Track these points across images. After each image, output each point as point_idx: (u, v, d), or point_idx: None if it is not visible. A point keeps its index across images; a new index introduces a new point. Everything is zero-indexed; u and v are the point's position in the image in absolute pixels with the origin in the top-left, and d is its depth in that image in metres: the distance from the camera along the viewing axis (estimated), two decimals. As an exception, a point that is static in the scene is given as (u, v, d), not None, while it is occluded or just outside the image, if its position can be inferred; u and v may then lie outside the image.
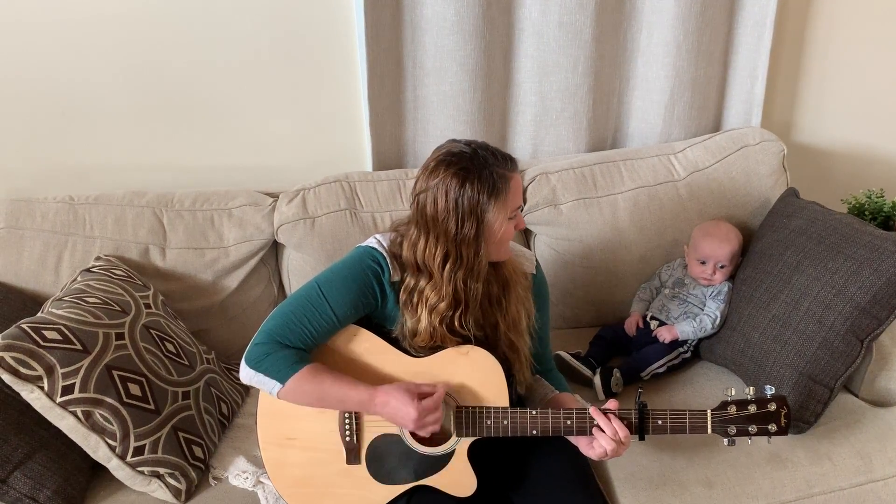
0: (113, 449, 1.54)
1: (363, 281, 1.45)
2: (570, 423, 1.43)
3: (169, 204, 1.97)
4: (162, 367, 1.66)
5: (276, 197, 2.04)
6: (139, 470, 1.56)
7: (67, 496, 1.55)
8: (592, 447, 1.43)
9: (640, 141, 2.32)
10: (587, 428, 1.43)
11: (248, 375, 1.41)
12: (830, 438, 1.71)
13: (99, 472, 1.62)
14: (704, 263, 1.98)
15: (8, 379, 1.46)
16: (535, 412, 1.43)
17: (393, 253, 1.47)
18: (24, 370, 1.46)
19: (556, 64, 2.12)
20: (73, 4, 1.91)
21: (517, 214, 1.45)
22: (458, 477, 1.47)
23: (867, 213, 2.18)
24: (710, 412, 1.43)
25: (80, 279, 1.76)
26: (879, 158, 2.51)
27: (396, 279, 1.46)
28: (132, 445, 1.55)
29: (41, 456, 1.54)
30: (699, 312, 1.97)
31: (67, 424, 1.51)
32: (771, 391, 1.43)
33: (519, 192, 1.43)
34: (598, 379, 1.87)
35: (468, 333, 1.47)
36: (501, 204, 1.38)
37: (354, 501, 1.48)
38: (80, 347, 1.53)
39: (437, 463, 1.46)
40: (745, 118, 2.31)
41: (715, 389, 1.89)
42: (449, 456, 1.46)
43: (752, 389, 1.43)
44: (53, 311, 1.60)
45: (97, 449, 1.54)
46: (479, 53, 2.05)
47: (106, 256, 1.86)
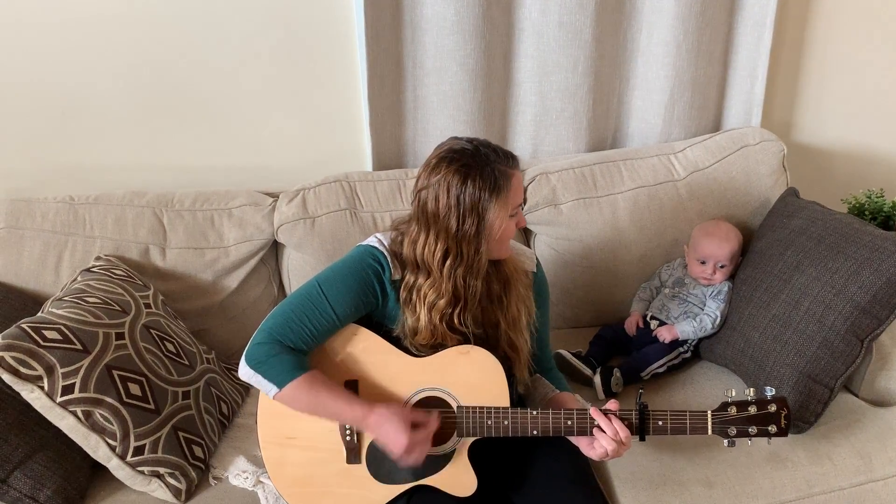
0: (113, 449, 1.54)
1: (364, 280, 1.45)
2: (570, 423, 1.43)
3: (169, 204, 1.97)
4: (162, 366, 1.66)
5: (276, 197, 2.04)
6: (139, 470, 1.56)
7: (67, 496, 1.55)
8: (593, 447, 1.43)
9: (640, 141, 2.32)
10: (588, 428, 1.43)
11: (246, 374, 1.41)
12: (830, 438, 1.72)
13: (99, 471, 1.62)
14: (704, 263, 1.98)
15: (8, 379, 1.46)
16: (535, 412, 1.43)
17: (394, 252, 1.47)
18: (24, 370, 1.46)
19: (556, 64, 2.12)
20: (73, 5, 1.91)
21: (518, 212, 1.45)
22: (458, 477, 1.46)
23: (867, 212, 2.18)
24: (710, 413, 1.43)
25: (80, 279, 1.76)
26: (879, 158, 2.51)
27: (397, 278, 1.46)
28: (132, 445, 1.55)
29: (41, 456, 1.54)
30: (699, 312, 1.98)
31: (67, 424, 1.51)
32: (771, 392, 1.43)
33: (520, 189, 1.44)
34: (598, 378, 1.88)
35: (467, 331, 1.47)
36: (503, 201, 1.38)
37: (354, 501, 1.48)
38: (80, 347, 1.53)
39: (437, 462, 1.46)
40: (745, 118, 2.31)
41: (715, 389, 1.89)
42: (449, 456, 1.46)
43: (752, 391, 1.43)
44: (53, 310, 1.60)
45: (97, 449, 1.54)
46: (479, 53, 2.05)
47: (106, 256, 1.86)
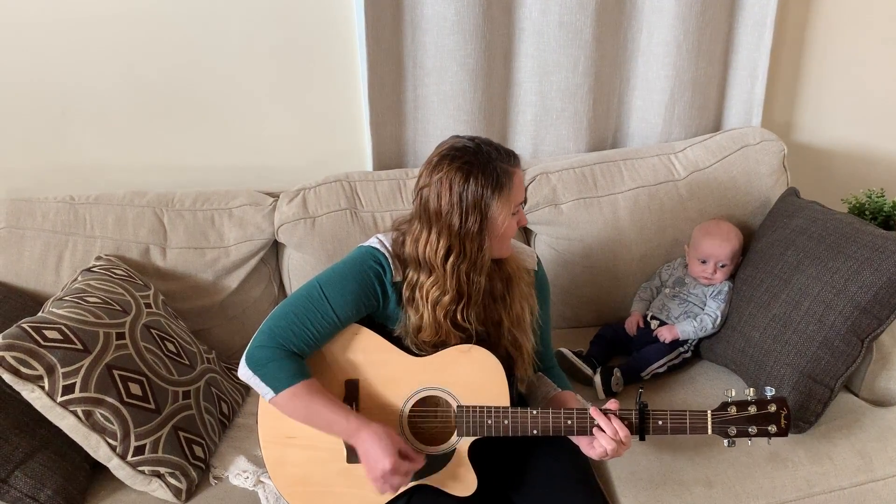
0: (113, 448, 1.54)
1: (365, 281, 1.45)
2: (570, 422, 1.43)
3: (169, 204, 1.97)
4: (162, 366, 1.66)
5: (276, 197, 2.04)
6: (140, 469, 1.56)
7: (68, 496, 1.55)
8: (593, 447, 1.43)
9: (640, 140, 2.32)
10: (588, 428, 1.43)
11: (245, 375, 1.41)
12: (831, 438, 1.71)
13: (99, 471, 1.62)
14: (705, 262, 1.98)
15: (9, 378, 1.46)
16: (535, 412, 1.43)
17: (395, 253, 1.47)
18: (24, 370, 1.46)
19: (556, 64, 2.12)
20: (73, 5, 1.92)
21: (519, 210, 1.45)
22: (458, 476, 1.47)
23: (867, 212, 2.18)
24: (710, 413, 1.43)
25: (80, 279, 1.76)
26: (880, 158, 2.51)
27: (398, 279, 1.46)
28: (133, 445, 1.55)
29: (42, 455, 1.55)
30: (700, 312, 1.97)
31: (68, 424, 1.51)
32: (771, 392, 1.43)
33: (521, 187, 1.44)
34: (598, 378, 1.88)
35: (470, 327, 1.47)
36: (505, 199, 1.38)
37: (355, 500, 1.48)
38: (80, 347, 1.53)
39: (437, 462, 1.46)
40: (745, 118, 2.31)
41: (715, 389, 1.89)
42: (449, 455, 1.46)
43: (752, 391, 1.43)
44: (54, 310, 1.60)
45: (98, 448, 1.54)
46: (479, 53, 2.05)
47: (106, 256, 1.86)
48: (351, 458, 1.47)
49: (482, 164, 1.37)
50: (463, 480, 1.46)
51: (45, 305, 1.69)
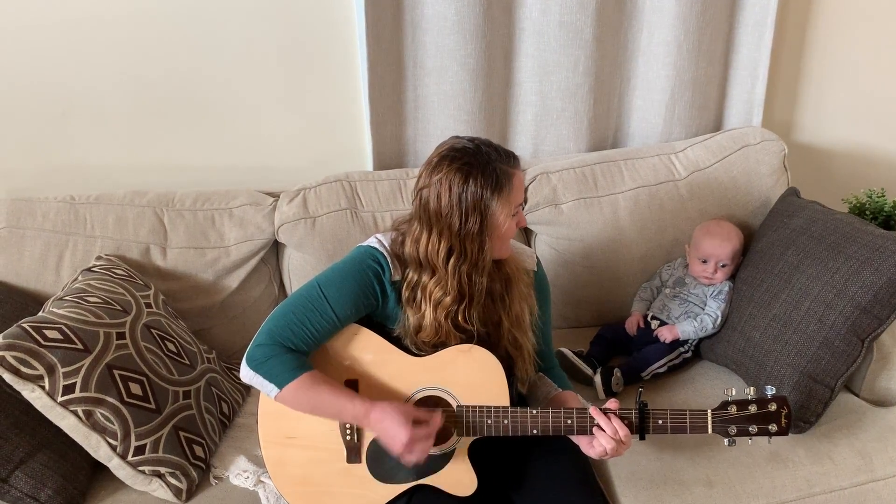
0: (114, 448, 1.54)
1: (364, 280, 1.45)
2: (570, 422, 1.43)
3: (170, 203, 1.97)
4: (163, 366, 1.66)
5: (276, 196, 2.04)
6: (140, 469, 1.56)
7: (68, 495, 1.55)
8: (593, 446, 1.43)
9: (640, 140, 2.32)
10: (588, 427, 1.43)
11: (247, 375, 1.41)
12: (831, 438, 1.71)
13: (100, 471, 1.62)
14: (706, 262, 1.98)
15: (9, 378, 1.46)
16: (535, 411, 1.43)
17: (394, 252, 1.47)
18: (25, 369, 1.46)
19: (556, 63, 2.12)
20: (74, 5, 1.92)
21: (518, 211, 1.45)
22: (458, 476, 1.47)
23: (868, 212, 2.18)
24: (710, 412, 1.43)
25: (80, 279, 1.76)
26: (880, 158, 2.51)
27: (397, 279, 1.46)
28: (133, 445, 1.55)
29: (42, 455, 1.55)
30: (700, 312, 1.97)
31: (68, 424, 1.51)
32: (772, 391, 1.43)
33: (521, 188, 1.44)
34: (598, 378, 1.87)
35: (472, 328, 1.47)
36: (504, 200, 1.38)
37: (355, 500, 1.48)
38: (81, 347, 1.53)
39: (437, 462, 1.46)
40: (745, 118, 2.31)
41: (716, 389, 1.89)
42: (449, 455, 1.46)
43: (752, 390, 1.43)
44: (54, 310, 1.60)
45: (98, 448, 1.54)
46: (479, 53, 2.05)
47: (107, 256, 1.86)
48: (351, 458, 1.47)
49: (482, 165, 1.37)
50: (463, 480, 1.46)
51: (45, 305, 1.69)
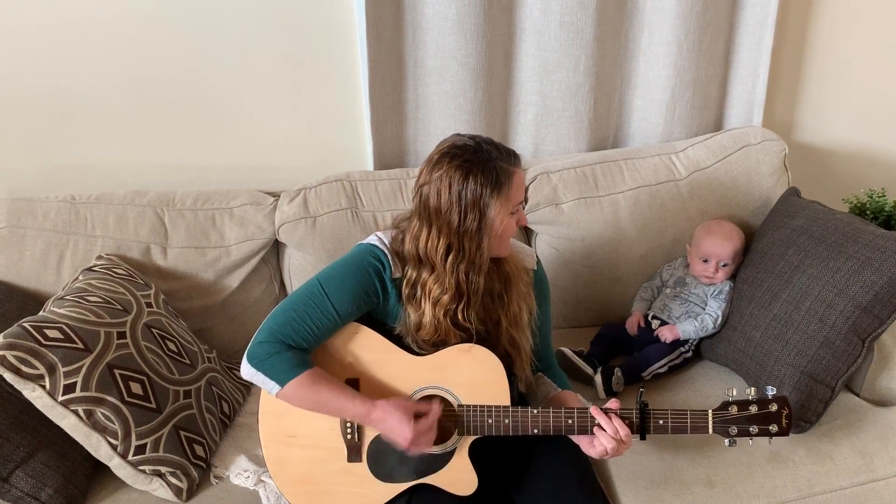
0: (114, 448, 1.54)
1: (364, 278, 1.45)
2: (571, 422, 1.43)
3: (170, 203, 1.97)
4: (163, 365, 1.66)
5: (277, 196, 2.04)
6: (141, 469, 1.56)
7: (69, 495, 1.55)
8: (593, 446, 1.43)
9: (641, 140, 2.32)
10: (588, 427, 1.43)
11: (248, 373, 1.41)
12: (832, 438, 1.71)
13: (100, 470, 1.62)
14: (707, 261, 1.98)
15: (10, 378, 1.46)
16: (536, 411, 1.43)
17: (394, 250, 1.47)
18: (25, 369, 1.46)
19: (557, 63, 2.12)
20: (74, 5, 1.92)
21: (519, 210, 1.45)
22: (459, 475, 1.47)
23: (868, 212, 2.18)
24: (711, 412, 1.43)
25: (81, 278, 1.76)
26: (881, 158, 2.51)
27: (398, 276, 1.47)
28: (133, 444, 1.55)
29: (43, 455, 1.55)
30: (701, 312, 1.97)
31: (69, 423, 1.51)
32: (772, 392, 1.43)
33: (521, 187, 1.44)
34: (599, 378, 1.87)
35: (471, 327, 1.47)
36: (504, 198, 1.38)
37: (355, 500, 1.48)
38: (81, 346, 1.53)
39: (438, 461, 1.46)
40: (746, 117, 2.31)
41: (716, 389, 1.89)
42: (450, 454, 1.46)
43: (753, 390, 1.43)
44: (55, 309, 1.60)
45: (99, 448, 1.54)
46: (480, 53, 2.05)
47: (107, 255, 1.87)
48: (352, 457, 1.47)
49: (482, 162, 1.37)
50: (463, 480, 1.46)
51: (46, 305, 1.69)
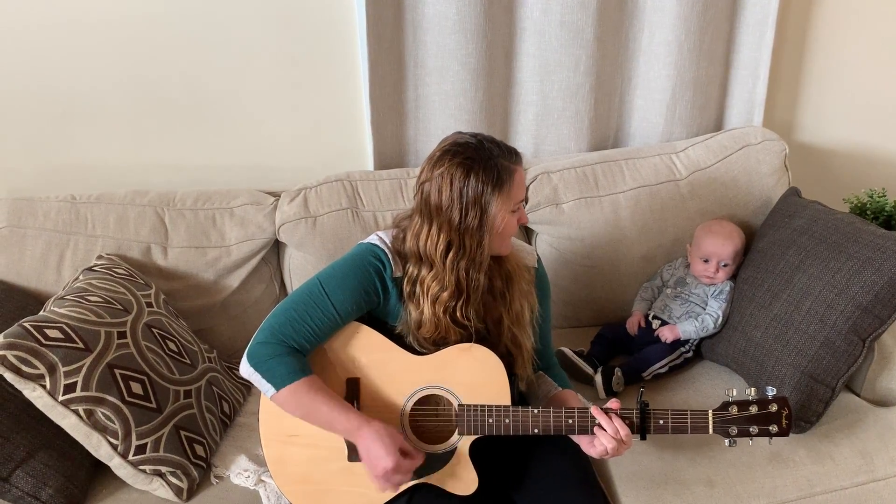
0: (115, 447, 1.54)
1: (365, 277, 1.45)
2: (571, 421, 1.43)
3: (170, 203, 1.97)
4: (164, 365, 1.66)
5: (277, 196, 2.04)
6: (141, 468, 1.56)
7: (69, 494, 1.55)
8: (594, 446, 1.43)
9: (641, 140, 2.32)
10: (588, 427, 1.43)
11: (247, 372, 1.41)
12: (832, 438, 1.71)
13: (101, 470, 1.62)
14: (707, 261, 1.98)
15: (10, 377, 1.46)
16: (536, 411, 1.43)
17: (395, 249, 1.47)
18: (26, 368, 1.46)
19: (557, 63, 2.12)
20: (74, 5, 1.92)
21: (520, 208, 1.45)
22: (459, 475, 1.47)
23: (869, 212, 2.18)
24: (711, 412, 1.43)
25: (81, 278, 1.76)
26: (881, 158, 2.51)
27: (398, 275, 1.47)
28: (134, 444, 1.55)
29: (43, 454, 1.55)
30: (701, 312, 1.97)
31: (69, 423, 1.51)
32: (772, 392, 1.43)
33: (522, 185, 1.44)
34: (599, 378, 1.87)
35: (469, 324, 1.47)
36: (505, 196, 1.39)
37: (356, 499, 1.48)
38: (82, 346, 1.54)
39: (438, 461, 1.46)
40: (746, 117, 2.31)
41: (716, 389, 1.89)
42: (450, 454, 1.46)
43: (753, 390, 1.43)
44: (55, 309, 1.60)
45: (99, 447, 1.54)
46: (480, 52, 2.05)
47: (108, 255, 1.87)
48: (352, 456, 1.47)
49: (483, 160, 1.37)
50: (464, 479, 1.46)
51: (46, 304, 1.69)
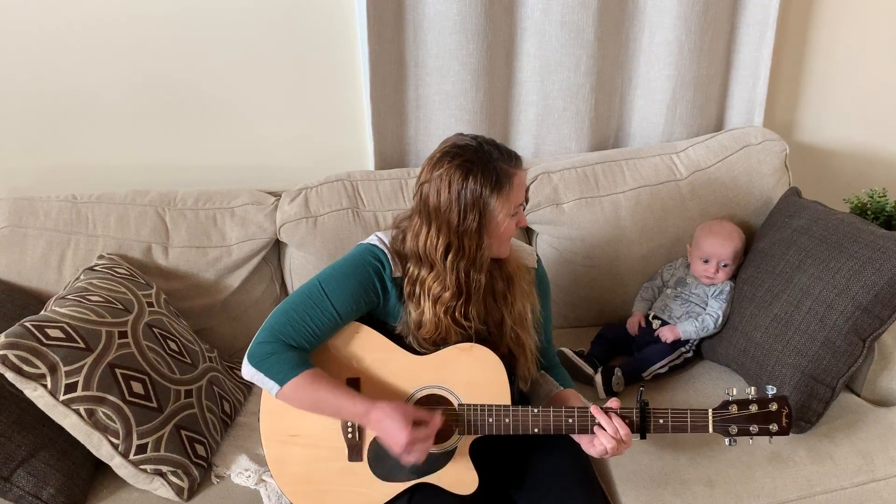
0: (116, 447, 1.54)
1: (364, 277, 1.45)
2: (571, 421, 1.43)
3: (171, 203, 1.97)
4: (164, 365, 1.66)
5: (278, 196, 2.04)
6: (142, 468, 1.57)
7: (70, 494, 1.55)
8: (594, 445, 1.43)
9: (642, 140, 2.32)
10: (589, 426, 1.43)
11: (249, 373, 1.42)
12: (832, 438, 1.71)
13: (102, 469, 1.63)
14: (707, 262, 1.98)
15: (11, 377, 1.46)
16: (536, 410, 1.43)
17: (394, 249, 1.48)
18: (27, 368, 1.46)
19: (558, 63, 2.12)
20: (76, 5, 1.92)
21: (518, 211, 1.45)
22: (459, 475, 1.47)
23: (869, 212, 2.18)
24: (711, 411, 1.43)
25: (82, 277, 1.76)
26: (881, 158, 2.51)
27: (398, 275, 1.47)
28: (135, 443, 1.55)
29: (44, 454, 1.55)
30: (701, 312, 1.97)
31: (70, 422, 1.51)
32: (773, 391, 1.43)
33: (522, 189, 1.44)
34: (599, 378, 1.88)
35: (470, 325, 1.47)
36: (504, 199, 1.39)
37: (356, 499, 1.48)
38: (83, 345, 1.54)
39: (438, 461, 1.47)
40: (747, 117, 2.31)
41: (717, 389, 1.89)
42: (451, 454, 1.47)
43: (753, 389, 1.43)
44: (56, 309, 1.60)
45: (100, 447, 1.54)
46: (481, 52, 2.05)
47: (109, 255, 1.87)
48: (352, 456, 1.47)
49: (482, 163, 1.37)
50: (464, 479, 1.47)
51: (47, 304, 1.69)
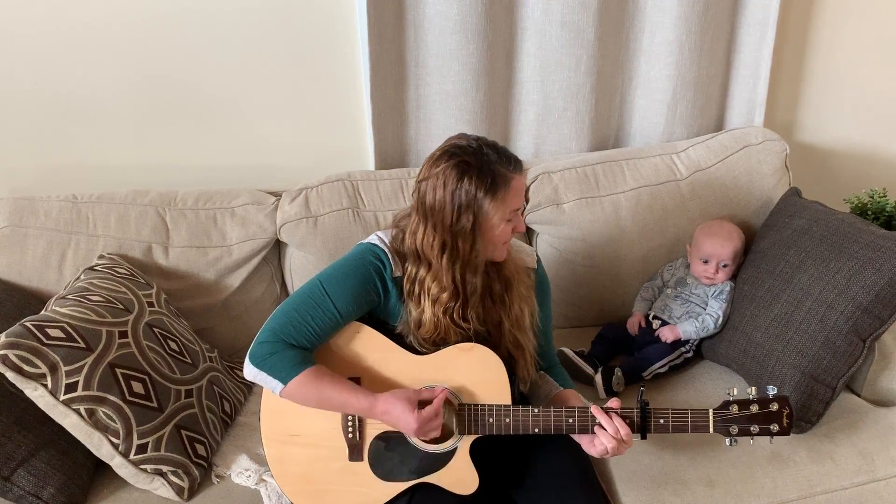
0: (116, 447, 1.54)
1: (365, 276, 1.45)
2: (572, 421, 1.43)
3: (172, 202, 1.97)
4: (165, 365, 1.66)
5: (278, 196, 2.04)
6: (142, 468, 1.57)
7: (70, 494, 1.55)
8: (594, 445, 1.43)
9: (642, 140, 2.32)
10: (589, 426, 1.43)
11: (251, 373, 1.42)
12: (832, 438, 1.71)
13: (102, 469, 1.63)
14: (707, 262, 1.98)
15: (12, 377, 1.46)
16: (536, 410, 1.43)
17: (394, 249, 1.48)
18: (27, 368, 1.46)
19: (558, 63, 2.12)
20: (76, 5, 1.92)
21: (515, 216, 1.44)
22: (460, 475, 1.47)
23: (870, 212, 2.18)
24: (712, 411, 1.43)
25: (83, 277, 1.76)
26: (882, 158, 2.51)
27: (398, 275, 1.47)
28: (135, 443, 1.55)
29: (44, 453, 1.55)
30: (701, 312, 1.97)
31: (70, 422, 1.52)
32: (773, 391, 1.43)
33: (520, 194, 1.43)
34: (599, 378, 1.88)
35: (469, 326, 1.47)
36: (499, 202, 1.38)
37: (356, 499, 1.48)
38: (83, 345, 1.54)
39: (439, 461, 1.47)
40: (747, 118, 2.31)
41: (717, 389, 1.89)
42: (451, 454, 1.47)
43: (754, 389, 1.43)
44: (57, 309, 1.60)
45: (100, 447, 1.54)
46: (481, 52, 2.05)
47: (109, 255, 1.87)
48: (353, 456, 1.47)
49: (479, 164, 1.37)
50: (464, 479, 1.47)
51: (47, 304, 1.69)
